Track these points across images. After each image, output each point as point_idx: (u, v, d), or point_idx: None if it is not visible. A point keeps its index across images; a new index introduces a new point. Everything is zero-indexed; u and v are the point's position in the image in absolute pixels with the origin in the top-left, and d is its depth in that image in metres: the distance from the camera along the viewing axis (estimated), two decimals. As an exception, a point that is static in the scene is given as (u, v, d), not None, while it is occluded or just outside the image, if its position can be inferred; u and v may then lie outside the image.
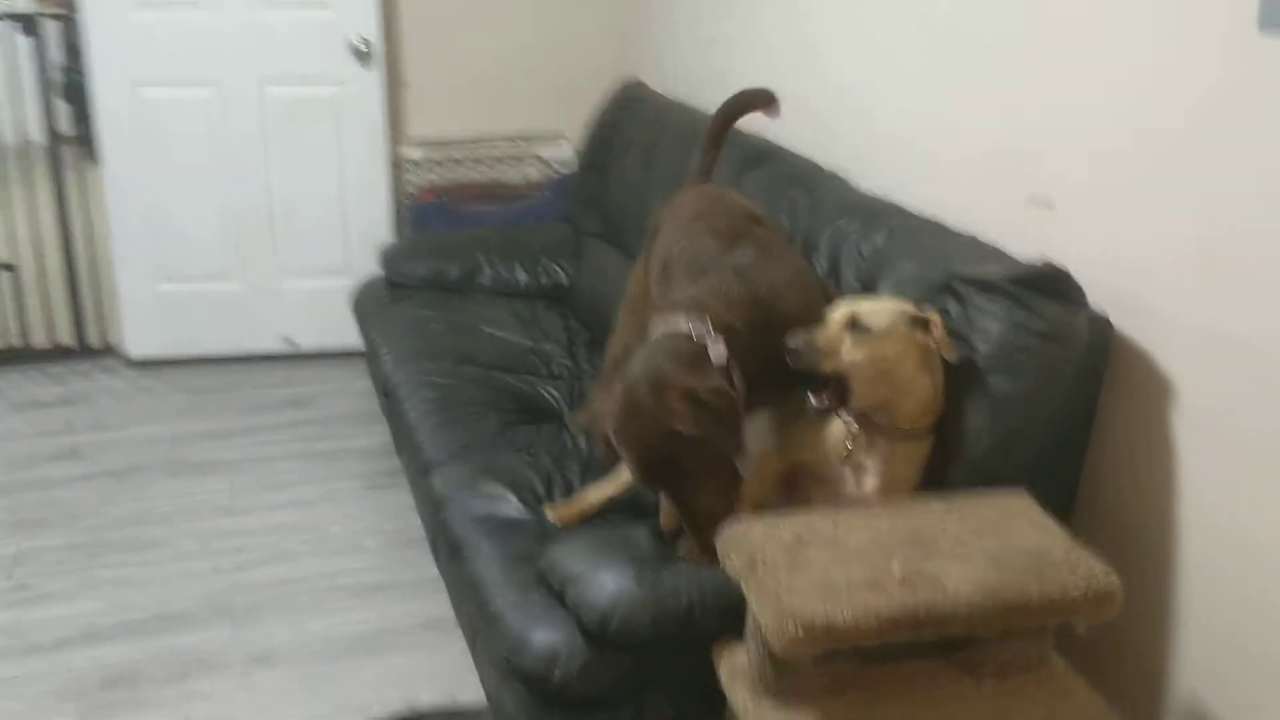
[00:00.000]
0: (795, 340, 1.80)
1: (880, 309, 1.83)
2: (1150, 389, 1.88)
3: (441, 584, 2.76)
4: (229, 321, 4.03)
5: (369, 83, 3.89)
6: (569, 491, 2.29)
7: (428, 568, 2.85)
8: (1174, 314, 1.82)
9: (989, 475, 1.85)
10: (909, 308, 1.84)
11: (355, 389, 3.91)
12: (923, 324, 1.81)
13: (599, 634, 1.76)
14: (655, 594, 1.77)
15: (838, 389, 1.81)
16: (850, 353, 1.79)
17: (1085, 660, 1.79)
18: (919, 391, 1.83)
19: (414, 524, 3.04)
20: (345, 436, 3.57)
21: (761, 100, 2.69)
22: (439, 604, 2.70)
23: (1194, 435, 1.82)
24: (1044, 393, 1.85)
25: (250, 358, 4.08)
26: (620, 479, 2.15)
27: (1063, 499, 1.94)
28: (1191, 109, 1.74)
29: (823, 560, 1.61)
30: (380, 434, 3.55)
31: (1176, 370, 1.84)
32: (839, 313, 1.83)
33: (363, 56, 3.84)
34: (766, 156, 2.74)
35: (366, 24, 3.82)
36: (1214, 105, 1.69)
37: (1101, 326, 1.89)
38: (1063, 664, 1.73)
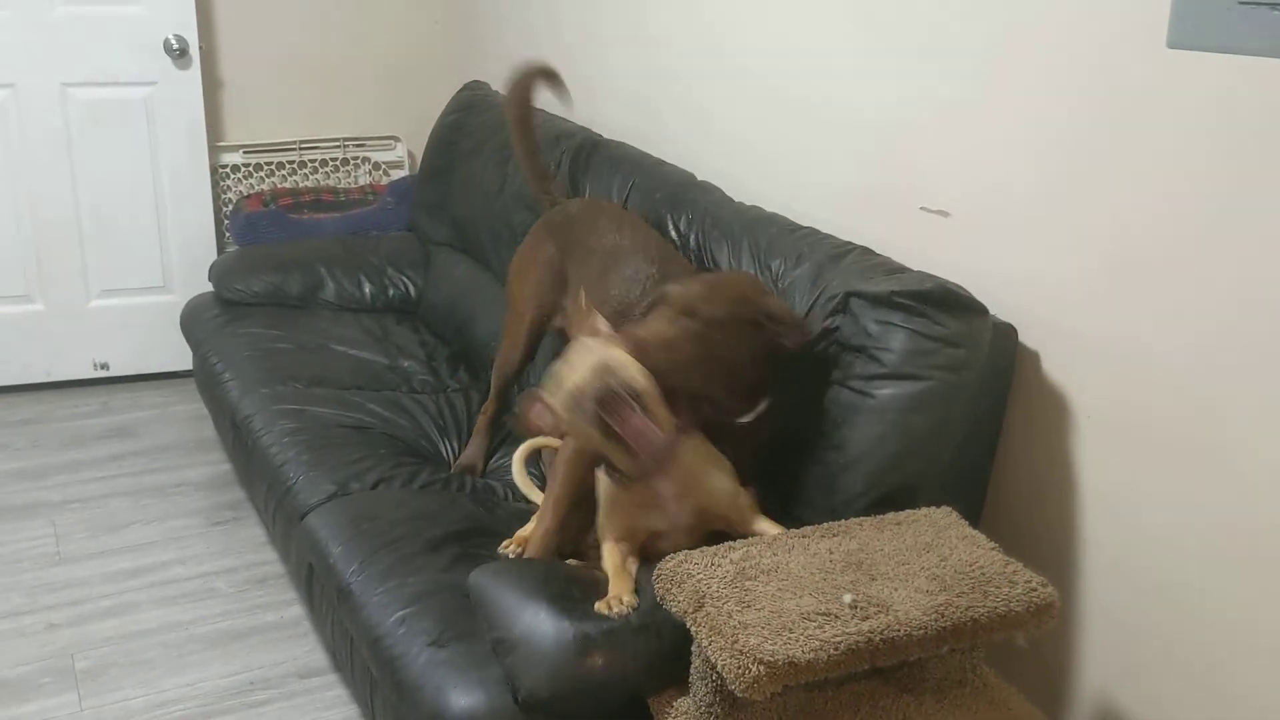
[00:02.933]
0: None
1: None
2: (1051, 395, 1.92)
3: (308, 625, 2.59)
4: (33, 346, 3.66)
5: (185, 83, 3.59)
6: (465, 527, 2.15)
7: (288, 608, 2.66)
8: (1075, 322, 1.86)
9: (897, 483, 1.84)
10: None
11: (179, 414, 3.63)
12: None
13: (539, 710, 1.64)
14: (600, 672, 1.63)
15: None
16: None
17: (997, 664, 1.80)
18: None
19: (265, 560, 2.85)
20: (177, 468, 3.30)
21: (542, 74, 2.73)
22: (308, 647, 2.53)
23: (1094, 440, 1.87)
24: (949, 397, 1.85)
25: (59, 384, 3.73)
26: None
27: (972, 507, 1.95)
28: (1099, 122, 1.77)
29: (769, 592, 1.55)
30: (215, 463, 3.31)
31: (1077, 376, 1.88)
32: None
33: (177, 55, 3.55)
34: (641, 168, 2.67)
35: (181, 20, 3.53)
36: (1122, 119, 1.73)
37: (1006, 334, 1.92)
38: (994, 675, 1.74)
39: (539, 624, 1.68)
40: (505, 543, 2.04)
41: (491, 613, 1.73)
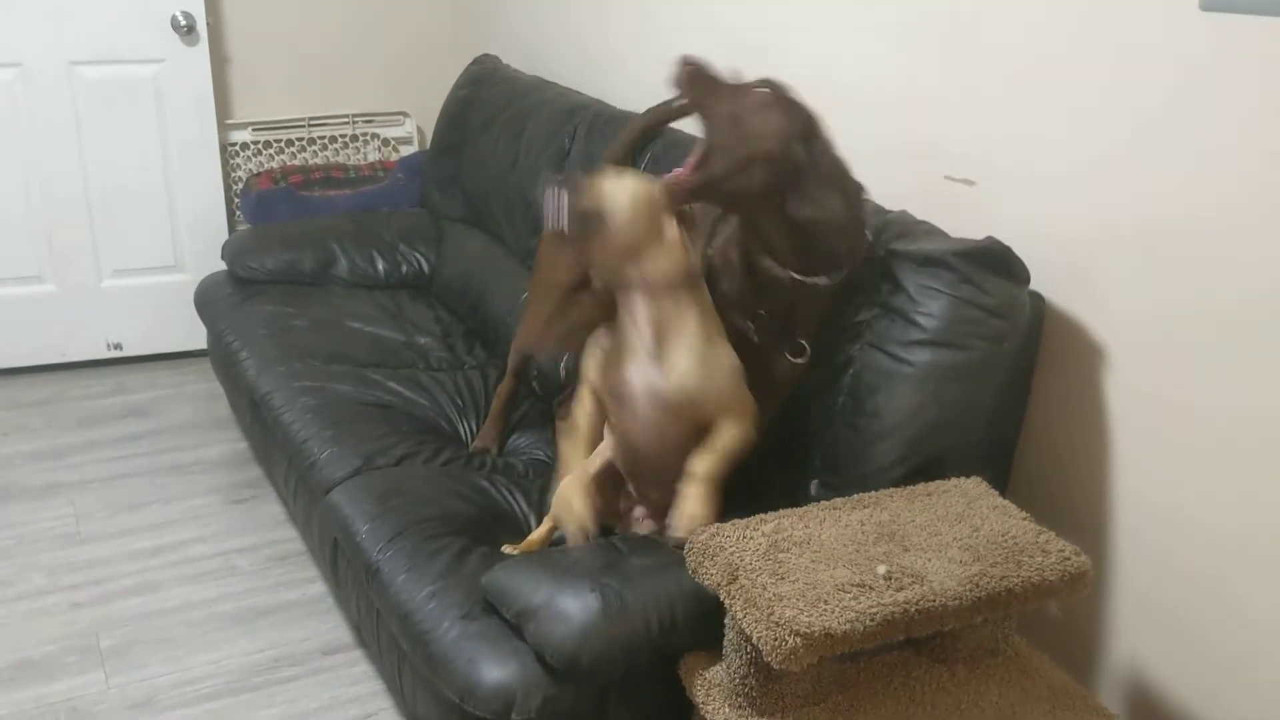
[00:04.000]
0: None
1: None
2: (1080, 365, 1.91)
3: (330, 601, 2.60)
4: (46, 327, 3.65)
5: (193, 60, 3.56)
6: (490, 505, 2.16)
7: (310, 585, 2.67)
8: (1108, 290, 1.84)
9: (932, 453, 1.84)
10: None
11: (194, 393, 3.62)
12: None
13: (568, 673, 1.65)
14: (626, 623, 1.66)
15: None
16: None
17: (1026, 633, 1.81)
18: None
19: (285, 537, 2.85)
20: (194, 447, 3.29)
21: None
22: (332, 624, 2.53)
23: (1124, 409, 1.86)
24: (989, 368, 1.84)
25: (73, 365, 3.72)
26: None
27: (1000, 476, 1.95)
28: (1129, 84, 1.75)
29: (803, 563, 1.55)
30: (231, 441, 3.31)
31: (1108, 345, 1.87)
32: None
33: (185, 31, 3.52)
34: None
35: (188, -4, 3.51)
36: (1157, 84, 1.71)
37: (1036, 302, 1.90)
38: (1024, 643, 1.74)
39: (558, 588, 1.70)
40: (509, 546, 2.00)
41: (508, 595, 1.74)
